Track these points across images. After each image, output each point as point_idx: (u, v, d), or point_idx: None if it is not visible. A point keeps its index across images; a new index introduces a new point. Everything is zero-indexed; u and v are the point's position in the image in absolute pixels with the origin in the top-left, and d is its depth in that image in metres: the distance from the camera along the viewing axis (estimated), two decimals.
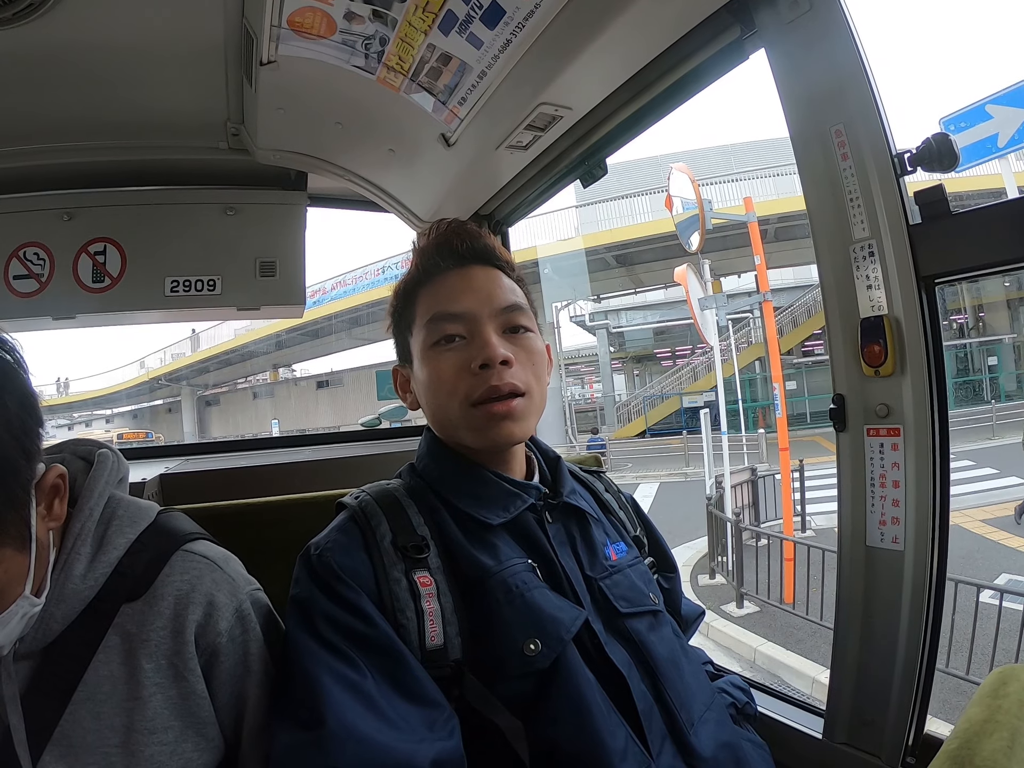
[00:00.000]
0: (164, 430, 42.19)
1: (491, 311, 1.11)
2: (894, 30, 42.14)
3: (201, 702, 0.93)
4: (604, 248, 24.37)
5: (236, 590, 0.99)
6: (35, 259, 2.23)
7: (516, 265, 1.24)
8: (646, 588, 1.15)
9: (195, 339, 40.29)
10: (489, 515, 1.07)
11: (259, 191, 2.44)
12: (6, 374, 0.82)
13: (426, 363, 1.12)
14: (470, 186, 2.20)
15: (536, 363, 1.14)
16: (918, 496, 1.21)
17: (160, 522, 1.02)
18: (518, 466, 1.18)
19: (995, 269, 1.13)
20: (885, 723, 1.29)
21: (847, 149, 1.22)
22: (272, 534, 1.40)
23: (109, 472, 1.00)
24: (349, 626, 0.93)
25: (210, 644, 0.94)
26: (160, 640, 0.91)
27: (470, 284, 1.14)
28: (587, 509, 1.18)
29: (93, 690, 0.88)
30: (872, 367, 1.22)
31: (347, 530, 1.04)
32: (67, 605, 0.89)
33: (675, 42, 1.43)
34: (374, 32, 1.51)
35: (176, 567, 0.96)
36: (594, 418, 29.76)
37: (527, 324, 1.15)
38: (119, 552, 0.94)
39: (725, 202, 20.12)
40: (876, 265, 1.21)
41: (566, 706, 0.94)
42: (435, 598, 0.99)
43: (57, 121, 1.99)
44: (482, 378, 1.06)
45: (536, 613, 0.99)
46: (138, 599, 0.92)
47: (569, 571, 1.07)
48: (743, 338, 24.44)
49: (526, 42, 1.38)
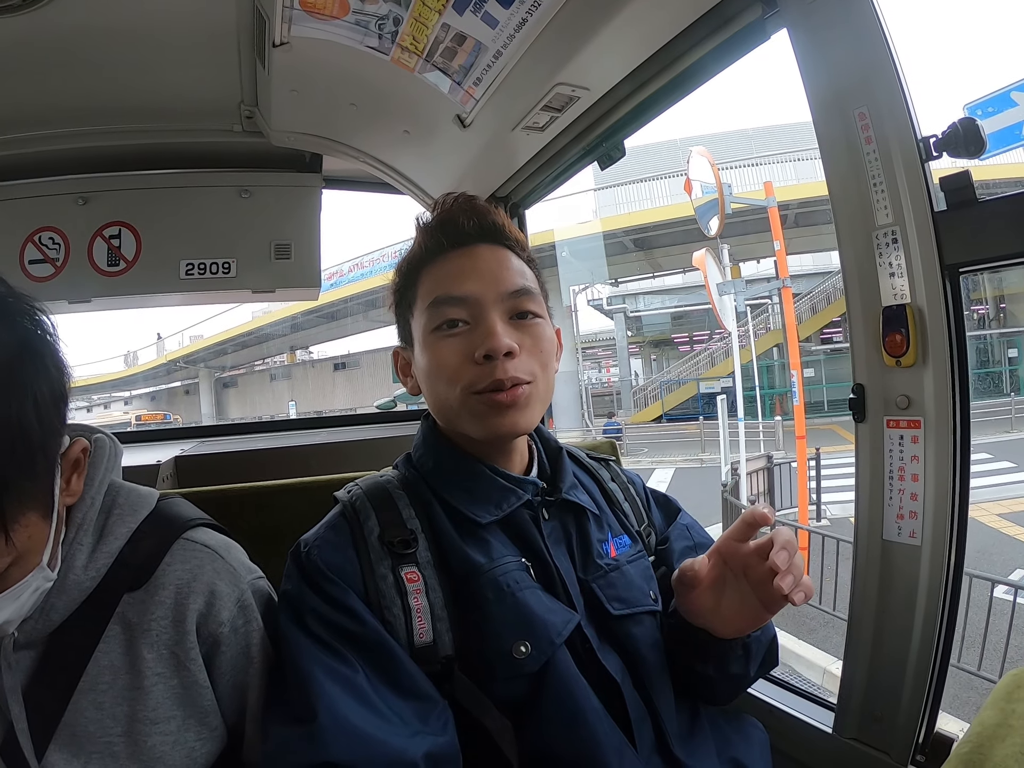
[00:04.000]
0: (182, 411, 42.61)
1: (497, 295, 1.05)
2: (918, 12, 41.47)
3: (203, 691, 0.94)
4: (622, 232, 24.22)
5: (238, 579, 0.99)
6: (50, 243, 2.23)
7: (527, 245, 1.17)
8: (646, 585, 1.11)
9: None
10: (479, 512, 1.03)
11: (273, 173, 2.44)
12: (45, 343, 0.83)
13: (427, 348, 1.07)
14: (486, 168, 2.18)
15: (543, 351, 1.07)
16: (937, 491, 1.18)
17: (161, 509, 1.01)
18: (519, 457, 1.14)
19: (1022, 259, 1.09)
20: (896, 720, 1.27)
21: (871, 133, 1.19)
22: (288, 516, 1.40)
23: (108, 459, 0.99)
24: (338, 623, 0.92)
25: (211, 634, 0.94)
26: (161, 630, 0.91)
27: (476, 265, 1.07)
28: (587, 505, 1.13)
29: (95, 680, 0.88)
30: (893, 357, 1.19)
31: (336, 526, 1.03)
32: (68, 596, 0.89)
33: (695, 21, 1.40)
34: (388, 12, 1.48)
35: (177, 556, 0.95)
36: (611, 402, 29.72)
37: (535, 310, 1.08)
38: (120, 542, 0.94)
39: (744, 187, 19.91)
40: (899, 252, 1.18)
41: (558, 710, 0.93)
42: (423, 594, 0.97)
43: (71, 106, 1.99)
44: (485, 370, 1.00)
45: (527, 614, 0.96)
46: (139, 588, 0.92)
47: (563, 572, 1.03)
48: (761, 324, 24.29)
49: (542, 21, 1.35)
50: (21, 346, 0.79)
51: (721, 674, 1.06)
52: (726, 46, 1.43)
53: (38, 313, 0.84)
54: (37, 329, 0.83)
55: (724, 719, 1.13)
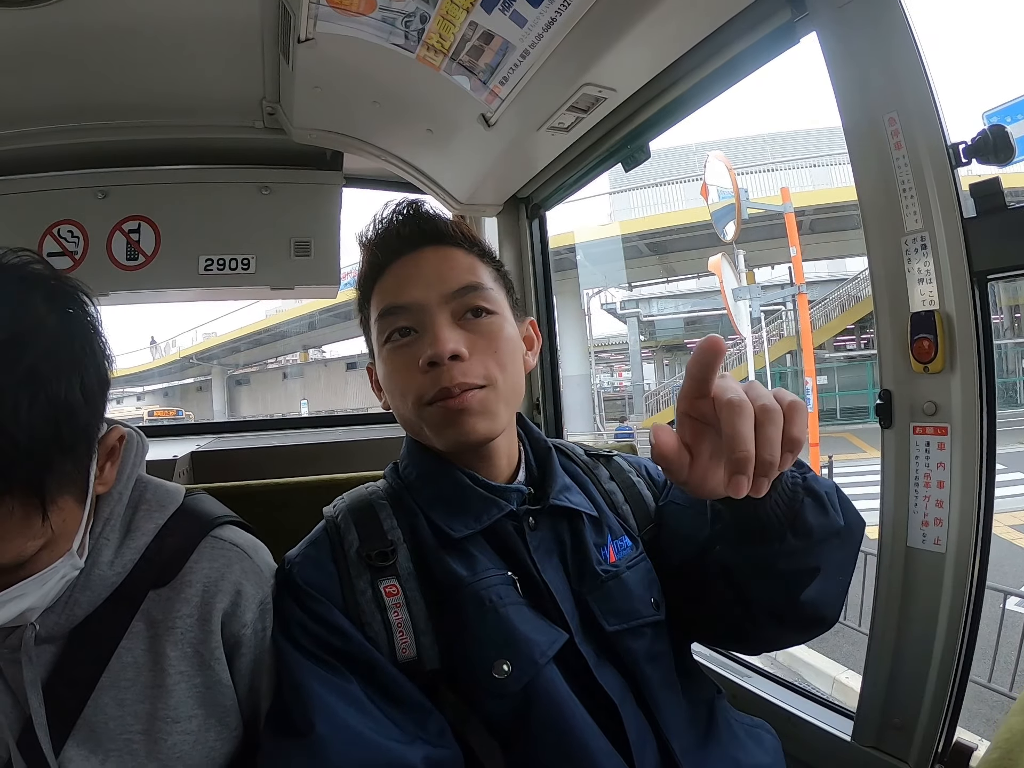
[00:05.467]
0: (194, 408, 42.85)
1: (440, 296, 1.01)
2: (945, 17, 41.10)
3: (225, 691, 0.94)
4: (637, 236, 24.16)
5: (263, 582, 0.99)
6: (69, 236, 2.24)
7: (480, 239, 1.12)
8: (647, 593, 1.05)
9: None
10: (456, 526, 1.00)
11: (294, 171, 2.43)
12: (93, 328, 0.84)
13: (381, 361, 1.05)
14: (509, 168, 2.17)
15: (500, 349, 1.02)
16: (963, 498, 1.17)
17: (188, 505, 1.01)
18: (505, 461, 1.09)
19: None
20: (915, 728, 1.25)
21: (901, 138, 1.18)
22: (300, 515, 1.40)
23: (135, 454, 0.99)
24: (325, 639, 0.92)
25: (234, 634, 0.94)
26: (186, 628, 0.91)
27: (419, 270, 1.04)
28: (582, 508, 1.07)
29: (116, 677, 0.88)
30: (921, 363, 1.18)
31: (317, 541, 1.03)
32: (93, 591, 0.89)
33: (724, 23, 1.39)
34: (415, 9, 1.48)
35: (205, 554, 0.95)
36: (623, 406, 29.64)
37: (488, 306, 1.03)
38: (147, 538, 0.94)
39: (759, 193, 19.86)
40: (928, 258, 1.17)
41: (547, 732, 0.89)
42: (403, 607, 0.95)
43: (92, 100, 2.00)
44: (431, 377, 0.97)
45: (509, 631, 0.92)
46: (165, 585, 0.92)
47: (553, 586, 0.98)
48: (775, 331, 24.17)
49: (571, 21, 1.34)
50: (68, 327, 0.79)
51: (803, 532, 0.89)
52: (755, 49, 1.42)
53: (82, 297, 0.85)
54: (86, 315, 0.84)
55: (739, 726, 1.08)
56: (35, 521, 0.74)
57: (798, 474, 0.91)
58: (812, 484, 0.91)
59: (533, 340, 1.17)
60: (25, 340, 0.73)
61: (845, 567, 0.99)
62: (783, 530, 0.88)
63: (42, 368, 0.72)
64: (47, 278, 0.82)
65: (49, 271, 0.83)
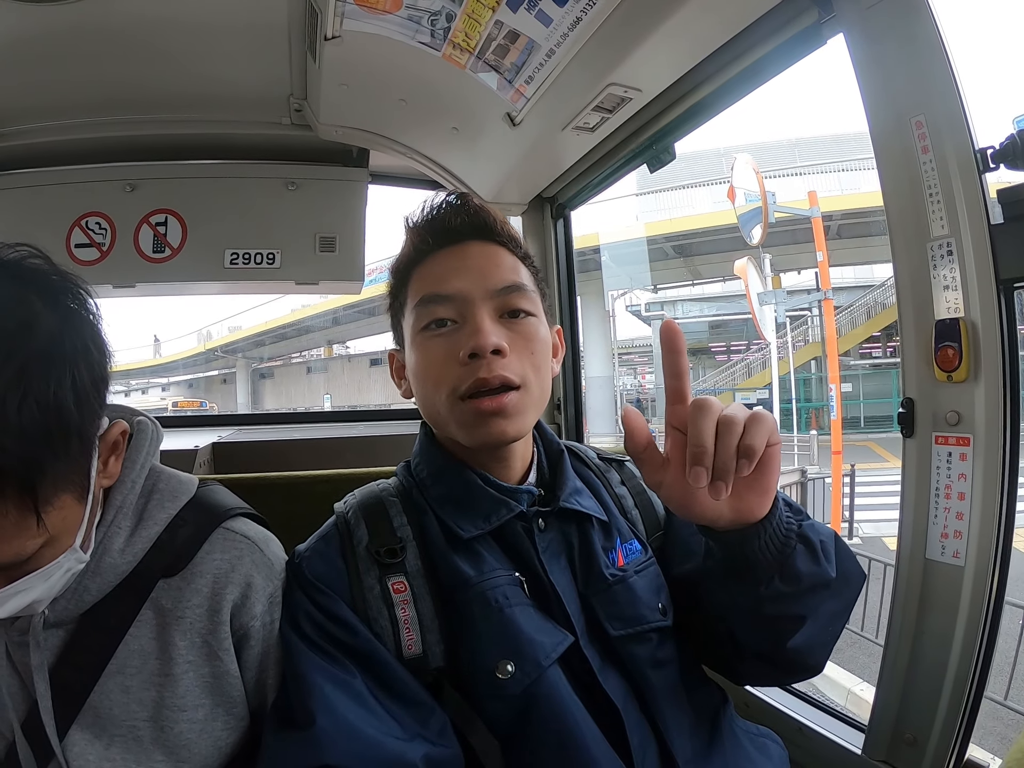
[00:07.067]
0: (218, 400, 43.28)
1: (486, 292, 1.01)
2: (972, 18, 40.32)
3: (233, 681, 0.94)
4: (663, 237, 24.04)
5: (273, 574, 0.99)
6: (97, 228, 2.27)
7: (522, 242, 1.13)
8: (654, 598, 1.04)
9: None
10: (465, 525, 1.00)
11: (320, 167, 2.45)
12: (88, 324, 0.83)
13: (415, 348, 1.04)
14: (534, 167, 2.17)
15: (536, 352, 1.03)
16: (984, 511, 1.15)
17: (201, 496, 1.01)
18: (519, 462, 1.09)
19: None
20: (927, 744, 1.23)
21: (927, 142, 1.16)
22: (316, 508, 1.42)
23: (150, 442, 0.99)
24: (331, 633, 0.92)
25: (242, 626, 0.94)
26: (196, 618, 0.91)
27: (464, 262, 1.04)
28: (591, 512, 1.07)
29: (123, 663, 0.89)
30: (945, 371, 1.16)
31: (327, 536, 1.04)
32: (103, 578, 0.89)
33: (750, 24, 1.38)
34: (441, 8, 1.49)
35: (217, 545, 0.96)
36: (645, 409, 29.49)
37: (528, 307, 1.04)
38: (159, 527, 0.94)
39: (785, 197, 19.72)
40: (954, 265, 1.14)
41: (548, 734, 0.89)
42: (411, 604, 0.95)
43: (122, 94, 2.02)
44: (470, 369, 0.96)
45: (514, 632, 0.93)
46: (175, 575, 0.93)
47: (560, 588, 0.99)
48: (800, 336, 23.95)
49: (597, 20, 1.34)
50: (62, 325, 0.78)
51: (790, 578, 0.89)
52: (781, 50, 1.41)
53: (82, 293, 0.84)
54: (80, 309, 0.83)
55: (745, 735, 1.07)
56: (31, 522, 0.74)
57: (794, 520, 0.92)
58: (807, 531, 0.92)
59: (558, 348, 1.16)
60: (16, 339, 0.72)
61: (835, 618, 1.00)
62: (771, 573, 0.89)
63: (32, 368, 0.71)
64: (45, 273, 0.81)
65: (48, 266, 0.82)
